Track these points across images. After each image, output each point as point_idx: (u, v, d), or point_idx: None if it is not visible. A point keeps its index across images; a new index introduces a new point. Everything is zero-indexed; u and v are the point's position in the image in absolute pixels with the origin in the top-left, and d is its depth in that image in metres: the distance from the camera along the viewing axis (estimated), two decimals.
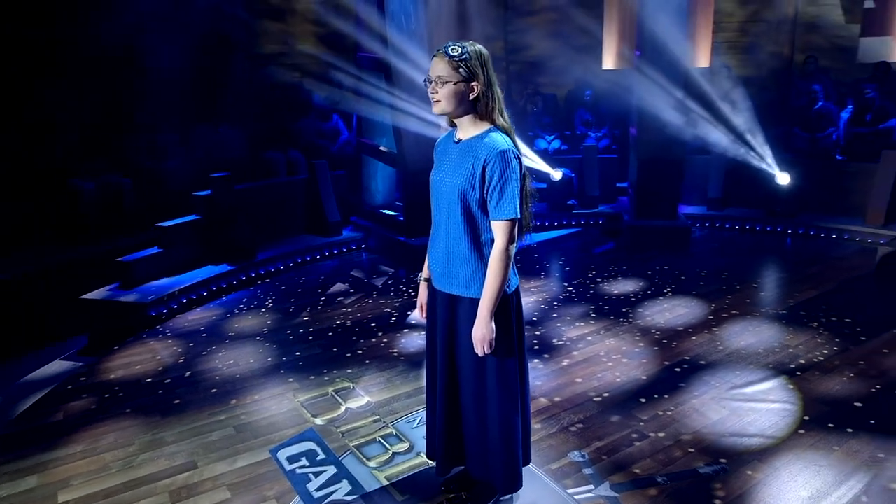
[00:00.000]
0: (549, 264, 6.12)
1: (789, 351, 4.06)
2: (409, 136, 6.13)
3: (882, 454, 2.96)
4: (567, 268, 5.99)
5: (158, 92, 6.79)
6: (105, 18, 6.26)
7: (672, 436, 3.16)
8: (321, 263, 6.42)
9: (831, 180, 6.94)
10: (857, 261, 5.91)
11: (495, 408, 2.40)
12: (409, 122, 6.11)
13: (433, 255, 2.46)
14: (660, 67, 6.33)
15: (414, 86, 6.10)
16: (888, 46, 8.56)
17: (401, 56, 6.04)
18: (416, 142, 6.16)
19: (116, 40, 6.37)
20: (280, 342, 4.45)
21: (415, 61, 6.10)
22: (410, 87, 6.07)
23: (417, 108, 6.10)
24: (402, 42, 6.04)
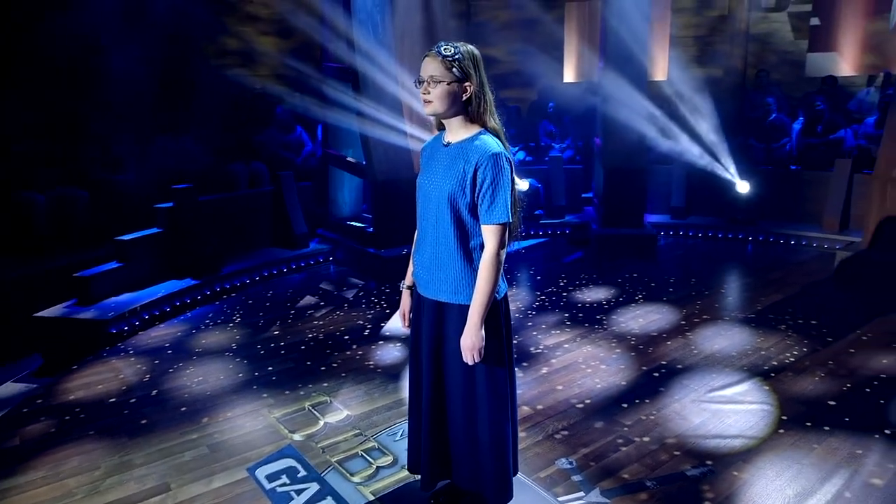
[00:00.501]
0: (519, 274, 6.13)
1: (761, 353, 4.14)
2: (377, 146, 6.07)
3: (860, 450, 3.02)
4: (538, 277, 6.00)
5: (116, 101, 6.57)
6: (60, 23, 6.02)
7: (657, 440, 3.16)
8: (288, 277, 6.27)
9: (788, 189, 7.18)
10: (816, 265, 6.11)
11: (486, 416, 2.35)
12: (377, 132, 6.05)
13: (419, 262, 2.39)
14: (623, 79, 6.46)
15: (382, 95, 6.06)
16: (833, 61, 8.97)
17: (369, 66, 6.00)
18: (384, 152, 6.11)
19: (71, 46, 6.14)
20: (251, 357, 4.30)
21: (383, 71, 6.07)
22: (379, 96, 6.03)
23: (386, 117, 6.06)
24: (371, 52, 5.99)
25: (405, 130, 6.28)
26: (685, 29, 9.11)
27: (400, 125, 6.20)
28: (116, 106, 6.60)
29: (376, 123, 6.04)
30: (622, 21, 6.41)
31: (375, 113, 6.02)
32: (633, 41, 6.45)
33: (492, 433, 2.34)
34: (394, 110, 6.11)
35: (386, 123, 6.07)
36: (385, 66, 6.07)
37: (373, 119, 6.03)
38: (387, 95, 6.09)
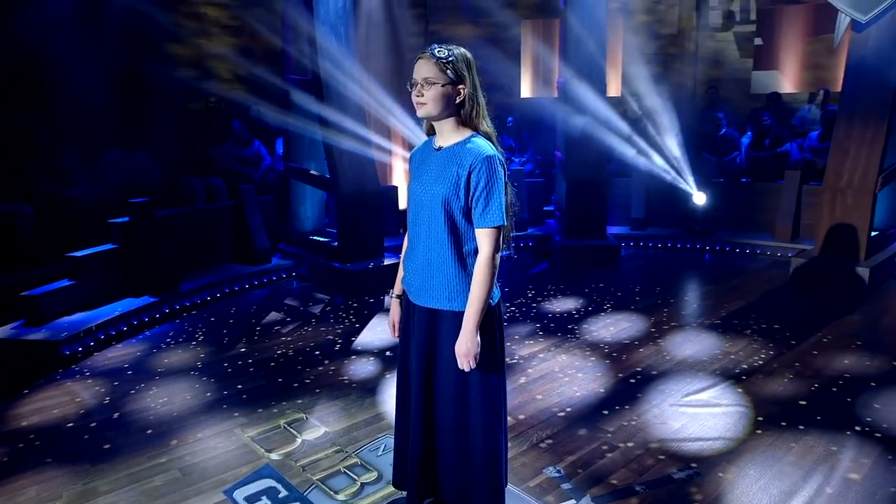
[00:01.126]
0: None
1: (731, 357, 4.23)
2: (342, 158, 5.98)
3: (834, 447, 3.11)
4: (506, 289, 6.00)
5: (64, 111, 6.28)
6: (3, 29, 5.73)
7: (640, 444, 3.17)
8: (251, 293, 6.08)
9: (741, 200, 7.44)
10: (772, 273, 6.32)
11: (479, 425, 2.29)
12: (342, 145, 5.97)
13: (411, 269, 2.33)
14: (583, 93, 6.58)
15: (347, 107, 6.00)
16: (776, 79, 9.41)
17: (333, 77, 5.93)
18: (349, 164, 6.03)
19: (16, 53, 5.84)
20: (218, 376, 4.13)
21: (347, 83, 6.01)
22: (343, 108, 5.96)
23: (350, 130, 5.99)
24: (335, 62, 5.93)
25: (370, 142, 6.22)
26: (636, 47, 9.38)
27: (365, 137, 6.14)
28: (64, 116, 6.32)
29: (341, 136, 5.96)
30: (581, 38, 6.54)
31: (340, 125, 5.95)
32: (592, 57, 6.59)
33: (485, 442, 2.29)
34: (358, 122, 6.05)
35: (351, 136, 6.00)
36: (350, 77, 6.02)
37: (337, 131, 5.95)
38: (351, 107, 6.03)
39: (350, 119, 5.99)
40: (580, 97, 6.59)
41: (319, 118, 6.05)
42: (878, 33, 5.41)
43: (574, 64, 6.63)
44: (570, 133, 6.78)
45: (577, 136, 6.69)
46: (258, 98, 7.93)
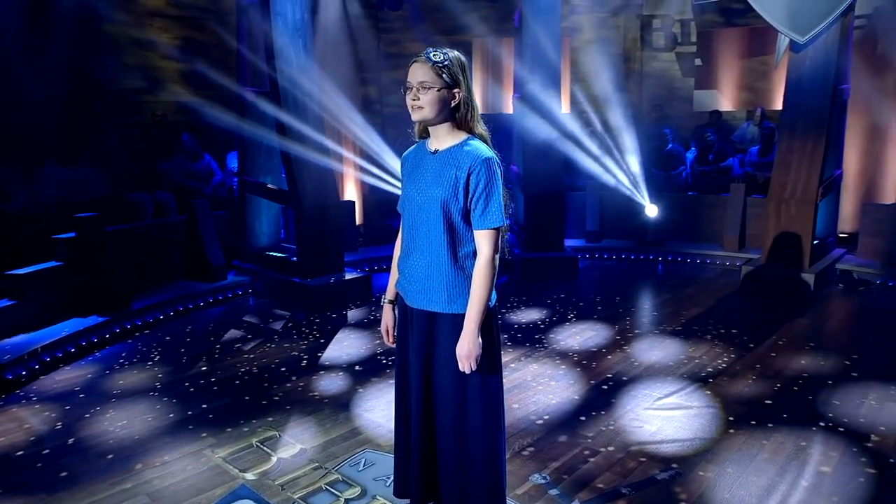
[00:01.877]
0: None
1: (696, 361, 4.35)
2: (302, 171, 5.88)
3: (803, 442, 3.22)
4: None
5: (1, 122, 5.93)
6: None
7: (621, 448, 3.20)
8: (207, 310, 5.86)
9: (690, 212, 7.72)
10: (722, 281, 6.56)
11: (479, 428, 2.26)
12: (302, 158, 5.87)
13: (408, 273, 2.29)
14: (539, 109, 6.71)
15: (307, 119, 5.91)
16: (716, 98, 9.87)
17: (292, 90, 5.84)
18: (309, 177, 5.92)
19: None
20: (179, 396, 3.93)
21: (306, 96, 5.93)
22: (303, 120, 5.87)
23: (310, 142, 5.90)
24: (294, 77, 5.85)
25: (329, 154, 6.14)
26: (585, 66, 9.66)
27: (324, 150, 6.06)
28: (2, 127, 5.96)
29: (300, 149, 5.86)
30: (538, 55, 6.69)
31: (299, 138, 5.85)
32: (548, 74, 6.74)
33: (485, 444, 2.26)
34: (318, 135, 5.96)
35: (310, 149, 5.91)
36: (309, 89, 5.94)
37: (297, 145, 5.85)
38: (311, 119, 5.94)
39: (309, 132, 5.90)
40: (536, 112, 6.71)
41: (278, 131, 5.93)
42: (815, 53, 5.75)
43: (530, 80, 6.77)
44: (528, 148, 6.89)
45: (533, 151, 6.80)
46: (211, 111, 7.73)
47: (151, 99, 8.27)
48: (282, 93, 5.79)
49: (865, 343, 4.68)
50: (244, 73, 6.34)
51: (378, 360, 4.48)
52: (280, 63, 5.77)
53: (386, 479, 2.94)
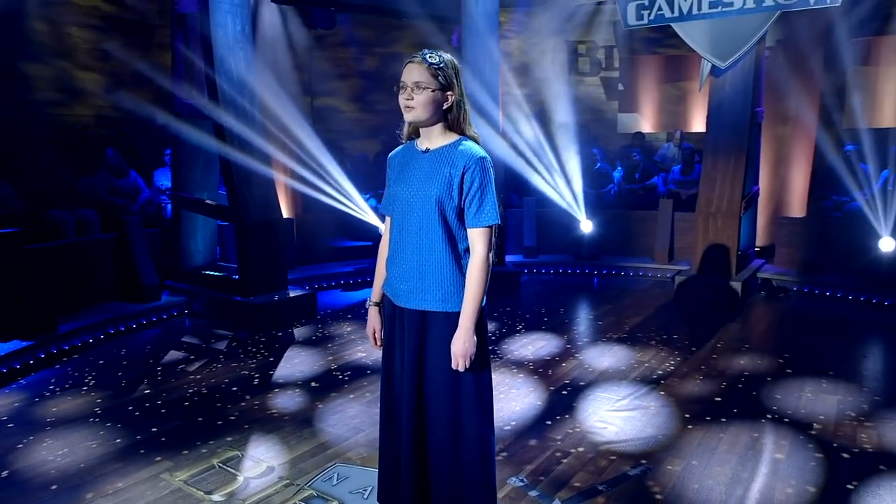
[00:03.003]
0: None
1: (646, 365, 4.52)
2: (244, 186, 5.70)
3: (756, 434, 3.41)
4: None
5: None
6: None
7: (590, 448, 3.27)
8: (140, 333, 5.52)
9: (622, 227, 8.06)
10: (657, 291, 6.88)
11: (473, 427, 2.25)
12: (244, 172, 5.70)
13: (398, 273, 2.27)
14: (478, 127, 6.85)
15: (248, 133, 5.75)
16: (637, 120, 10.42)
17: (234, 104, 5.68)
18: (251, 192, 5.75)
19: None
20: (124, 420, 3.68)
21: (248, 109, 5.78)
22: (244, 135, 5.71)
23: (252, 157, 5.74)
24: (235, 90, 5.69)
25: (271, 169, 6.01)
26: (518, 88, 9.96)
27: (267, 164, 5.92)
28: None
29: (242, 163, 5.69)
30: (476, 75, 6.85)
31: (241, 152, 5.69)
32: (486, 94, 6.92)
33: (479, 444, 2.26)
34: (260, 149, 5.82)
35: (252, 163, 5.75)
36: (250, 103, 5.80)
37: (238, 159, 5.67)
38: (252, 134, 5.79)
39: (251, 146, 5.75)
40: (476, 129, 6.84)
41: (219, 145, 5.74)
42: (734, 78, 6.22)
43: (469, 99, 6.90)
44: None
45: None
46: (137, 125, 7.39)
47: (70, 112, 7.80)
48: (223, 105, 5.62)
49: (793, 343, 5.03)
50: (180, 85, 6.11)
51: (334, 376, 4.37)
52: (221, 75, 5.61)
53: (363, 492, 2.87)
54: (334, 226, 8.53)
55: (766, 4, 5.75)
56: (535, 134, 9.04)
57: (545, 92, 9.67)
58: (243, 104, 5.75)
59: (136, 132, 8.01)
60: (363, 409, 3.81)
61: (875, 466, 3.07)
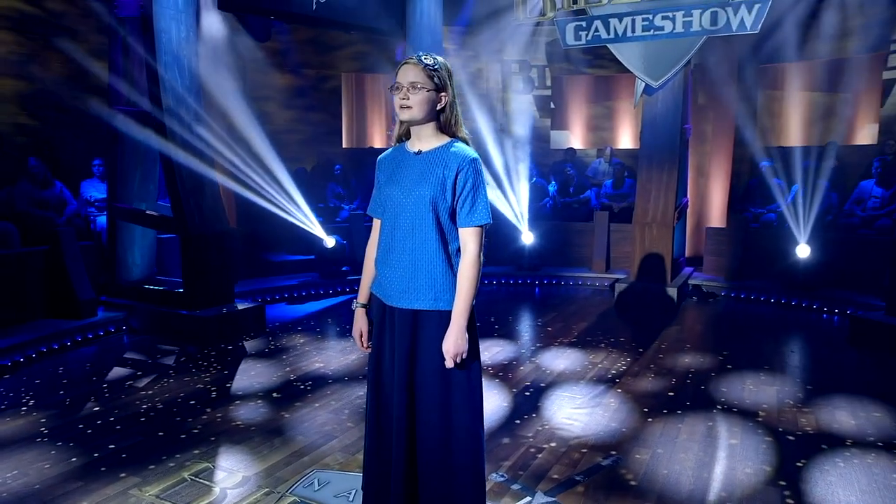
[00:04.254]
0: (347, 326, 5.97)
1: (599, 366, 4.72)
2: (190, 196, 5.53)
3: (710, 423, 3.65)
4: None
5: None
6: None
7: (562, 443, 3.39)
8: (77, 350, 5.21)
9: (560, 238, 8.36)
10: (598, 298, 7.18)
11: (463, 425, 2.30)
12: (189, 182, 5.53)
13: (389, 273, 2.30)
14: None
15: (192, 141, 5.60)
16: (567, 137, 10.87)
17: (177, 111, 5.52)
18: (196, 203, 5.59)
19: None
20: (77, 439, 3.47)
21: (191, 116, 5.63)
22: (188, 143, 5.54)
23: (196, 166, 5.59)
24: (178, 96, 5.54)
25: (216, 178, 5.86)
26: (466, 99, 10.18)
27: (211, 173, 5.77)
28: None
29: (186, 172, 5.53)
30: None
31: (185, 161, 5.52)
32: None
33: (470, 441, 2.30)
34: (204, 158, 5.67)
35: (196, 172, 5.59)
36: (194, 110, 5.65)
37: (182, 168, 5.50)
38: (196, 142, 5.64)
39: (195, 155, 5.59)
40: None
41: (161, 153, 5.55)
42: (665, 96, 6.66)
43: None
44: None
45: None
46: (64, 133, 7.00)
47: None
48: (167, 113, 5.45)
49: (729, 342, 5.38)
50: (118, 91, 5.87)
51: (296, 386, 4.30)
52: (165, 82, 5.44)
53: (348, 495, 2.85)
54: (273, 239, 8.39)
55: (693, 29, 6.21)
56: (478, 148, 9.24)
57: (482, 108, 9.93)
58: (188, 112, 5.60)
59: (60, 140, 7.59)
60: (332, 416, 3.78)
61: (818, 445, 3.36)
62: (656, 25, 6.37)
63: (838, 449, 3.32)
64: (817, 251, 6.63)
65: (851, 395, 4.08)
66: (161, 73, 5.43)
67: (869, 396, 4.04)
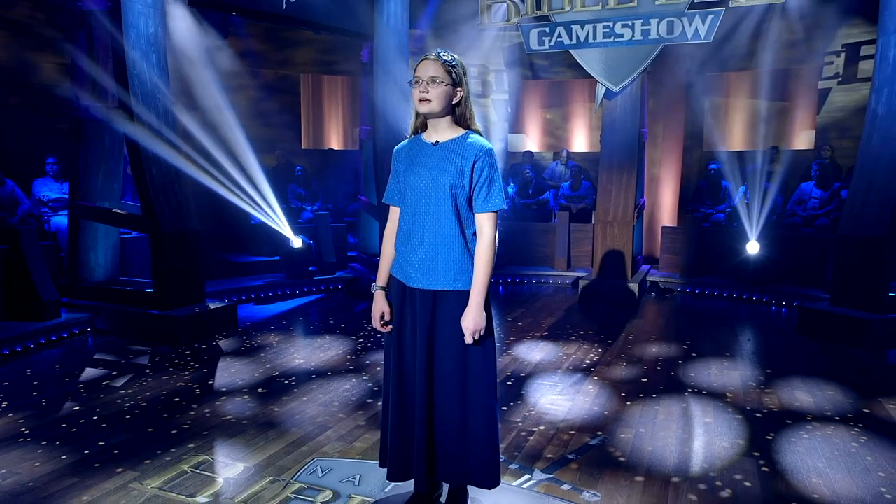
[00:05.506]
0: (321, 324, 6.02)
1: (574, 357, 4.92)
2: (160, 193, 5.43)
3: (684, 404, 3.89)
4: (342, 325, 5.99)
5: None
6: None
7: (550, 427, 3.55)
8: (42, 352, 5.05)
9: (524, 238, 8.58)
10: (562, 295, 7.42)
11: (480, 398, 2.42)
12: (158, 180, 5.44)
13: (409, 257, 2.41)
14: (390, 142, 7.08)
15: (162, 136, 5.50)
16: (524, 141, 11.16)
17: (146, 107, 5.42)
18: (167, 200, 5.50)
19: None
20: (62, 437, 3.40)
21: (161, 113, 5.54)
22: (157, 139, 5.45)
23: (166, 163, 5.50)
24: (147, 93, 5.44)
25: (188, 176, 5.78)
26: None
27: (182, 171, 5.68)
28: None
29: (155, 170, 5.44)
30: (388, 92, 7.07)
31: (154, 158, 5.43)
32: (400, 108, 7.16)
33: (485, 414, 2.42)
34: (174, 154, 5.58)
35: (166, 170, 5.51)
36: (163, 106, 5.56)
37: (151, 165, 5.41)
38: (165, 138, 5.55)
39: (164, 152, 5.51)
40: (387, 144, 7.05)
41: (130, 150, 5.44)
42: (624, 101, 6.97)
43: (382, 113, 7.11)
44: (382, 178, 7.17)
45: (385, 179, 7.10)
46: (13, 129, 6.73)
47: None
48: (136, 109, 5.34)
49: (691, 333, 5.69)
50: (82, 86, 5.71)
51: (280, 382, 4.31)
52: (133, 77, 5.34)
53: (353, 480, 2.92)
54: (234, 240, 8.29)
55: (651, 37, 6.54)
56: None
57: None
58: (157, 109, 5.51)
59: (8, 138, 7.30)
60: (322, 409, 3.82)
61: (783, 421, 3.63)
62: (616, 33, 6.67)
63: (801, 423, 3.61)
64: (765, 248, 7.08)
65: (806, 376, 4.42)
66: (130, 69, 5.33)
67: (822, 378, 4.39)
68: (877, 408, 3.85)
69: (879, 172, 5.26)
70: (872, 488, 2.88)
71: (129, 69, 5.33)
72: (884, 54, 5.30)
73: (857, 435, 3.45)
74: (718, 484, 2.91)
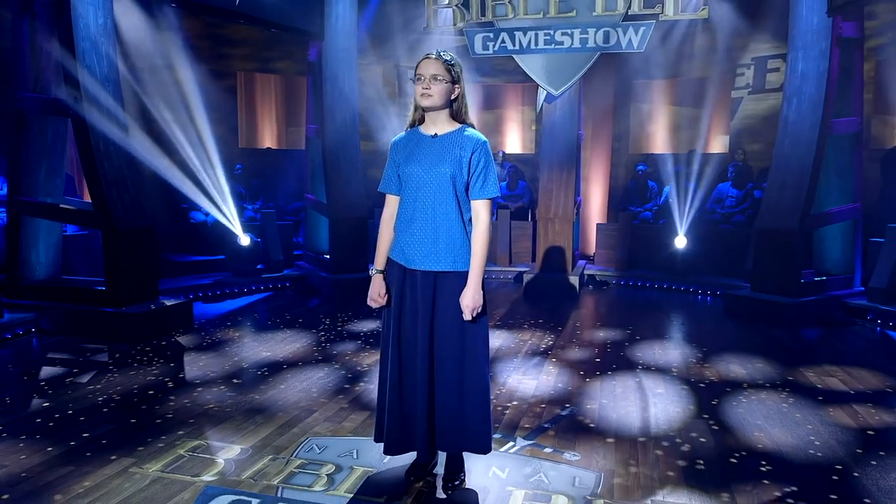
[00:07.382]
0: (278, 320, 6.06)
1: (530, 343, 5.25)
2: (112, 188, 5.32)
3: (637, 379, 4.29)
4: (300, 320, 6.06)
5: None
6: None
7: (522, 401, 3.84)
8: None
9: None
10: (506, 289, 7.78)
11: (476, 371, 2.66)
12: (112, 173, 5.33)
13: (410, 241, 2.62)
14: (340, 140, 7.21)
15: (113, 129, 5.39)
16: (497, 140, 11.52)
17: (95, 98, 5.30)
18: (120, 195, 5.39)
19: None
20: (40, 432, 3.35)
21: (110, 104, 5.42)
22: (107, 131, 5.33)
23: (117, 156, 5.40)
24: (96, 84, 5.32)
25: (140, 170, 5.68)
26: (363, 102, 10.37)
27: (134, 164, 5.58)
28: None
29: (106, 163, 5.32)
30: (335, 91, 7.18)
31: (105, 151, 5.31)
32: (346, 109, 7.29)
33: (481, 384, 2.67)
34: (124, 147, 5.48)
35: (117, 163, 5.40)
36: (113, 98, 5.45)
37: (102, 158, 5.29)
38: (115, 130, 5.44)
39: (117, 146, 5.40)
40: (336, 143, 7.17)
41: (80, 144, 5.30)
42: (562, 104, 7.41)
43: (331, 113, 7.21)
44: (332, 176, 7.27)
45: (337, 179, 7.22)
46: None
47: None
48: (85, 102, 5.21)
49: (631, 320, 6.15)
50: (24, 78, 5.50)
51: (252, 372, 4.38)
52: (83, 69, 5.21)
53: (351, 454, 3.08)
54: (174, 240, 8.12)
55: (588, 45, 7.02)
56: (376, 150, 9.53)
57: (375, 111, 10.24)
58: (108, 102, 5.39)
59: None
60: (303, 395, 3.94)
61: (724, 390, 4.10)
62: (556, 40, 7.10)
63: (739, 390, 4.08)
64: (692, 243, 7.72)
65: (737, 352, 4.95)
66: (79, 60, 5.20)
67: (750, 353, 4.93)
68: (798, 376, 4.40)
69: (791, 172, 5.94)
70: (804, 437, 3.36)
71: (78, 60, 5.20)
72: (793, 68, 5.98)
73: (786, 398, 3.95)
74: (678, 441, 3.30)
